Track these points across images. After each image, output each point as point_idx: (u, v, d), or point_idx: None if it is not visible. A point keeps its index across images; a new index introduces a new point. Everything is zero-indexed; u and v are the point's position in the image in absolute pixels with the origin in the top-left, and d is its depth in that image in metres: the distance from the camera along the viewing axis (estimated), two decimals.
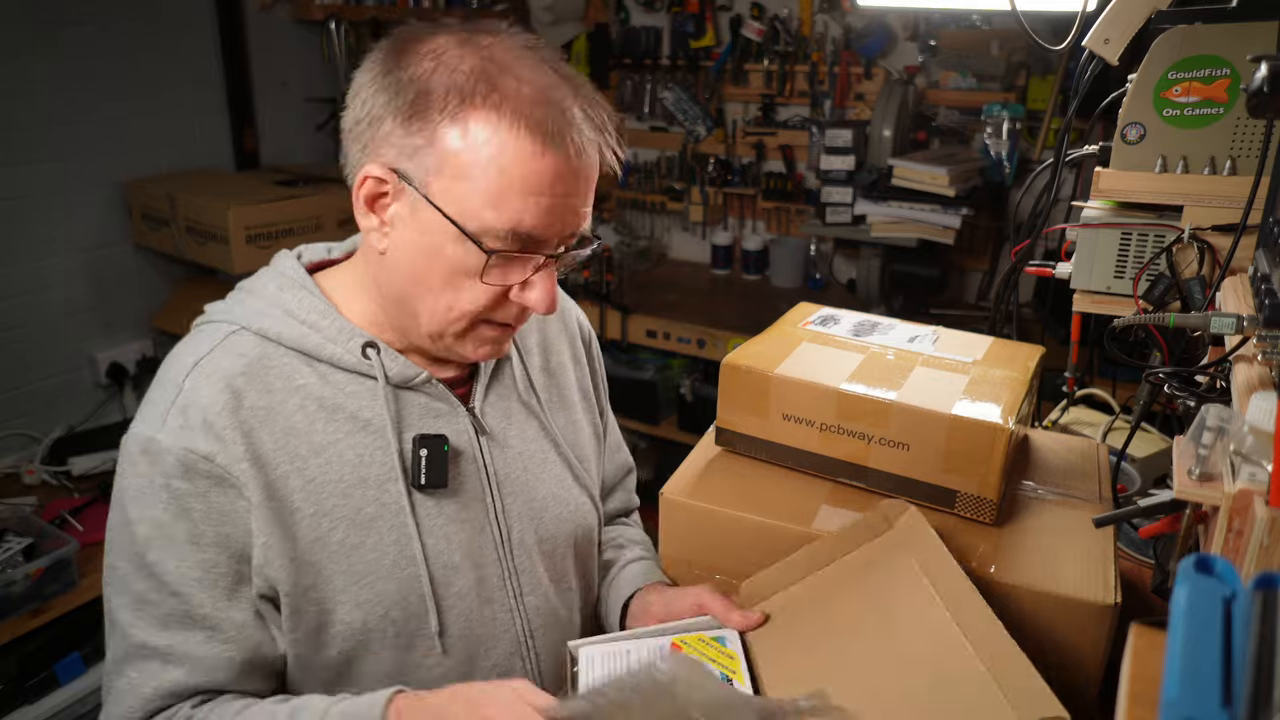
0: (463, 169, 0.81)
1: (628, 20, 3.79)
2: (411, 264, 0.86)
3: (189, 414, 0.84)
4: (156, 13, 2.74)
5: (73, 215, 2.65)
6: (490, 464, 0.99)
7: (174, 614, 0.85)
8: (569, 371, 1.14)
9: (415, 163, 0.82)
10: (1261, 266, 0.82)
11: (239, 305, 0.93)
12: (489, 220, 0.82)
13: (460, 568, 0.95)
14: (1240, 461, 0.62)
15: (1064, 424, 1.58)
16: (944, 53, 3.26)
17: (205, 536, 0.85)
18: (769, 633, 0.97)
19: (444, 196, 0.82)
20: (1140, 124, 1.11)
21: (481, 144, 0.80)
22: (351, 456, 0.90)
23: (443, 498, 0.94)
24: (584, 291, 3.38)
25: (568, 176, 0.83)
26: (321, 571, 0.88)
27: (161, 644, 0.85)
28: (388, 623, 0.91)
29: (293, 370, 0.89)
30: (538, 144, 0.80)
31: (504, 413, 1.02)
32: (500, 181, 0.81)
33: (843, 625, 0.93)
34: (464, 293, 0.86)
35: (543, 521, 1.03)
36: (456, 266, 0.85)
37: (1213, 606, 0.40)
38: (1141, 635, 0.48)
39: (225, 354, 0.88)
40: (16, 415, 2.59)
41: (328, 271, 0.99)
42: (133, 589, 0.86)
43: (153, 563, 0.85)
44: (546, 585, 1.04)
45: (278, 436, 0.87)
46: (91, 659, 2.17)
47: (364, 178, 0.85)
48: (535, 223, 0.83)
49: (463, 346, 0.92)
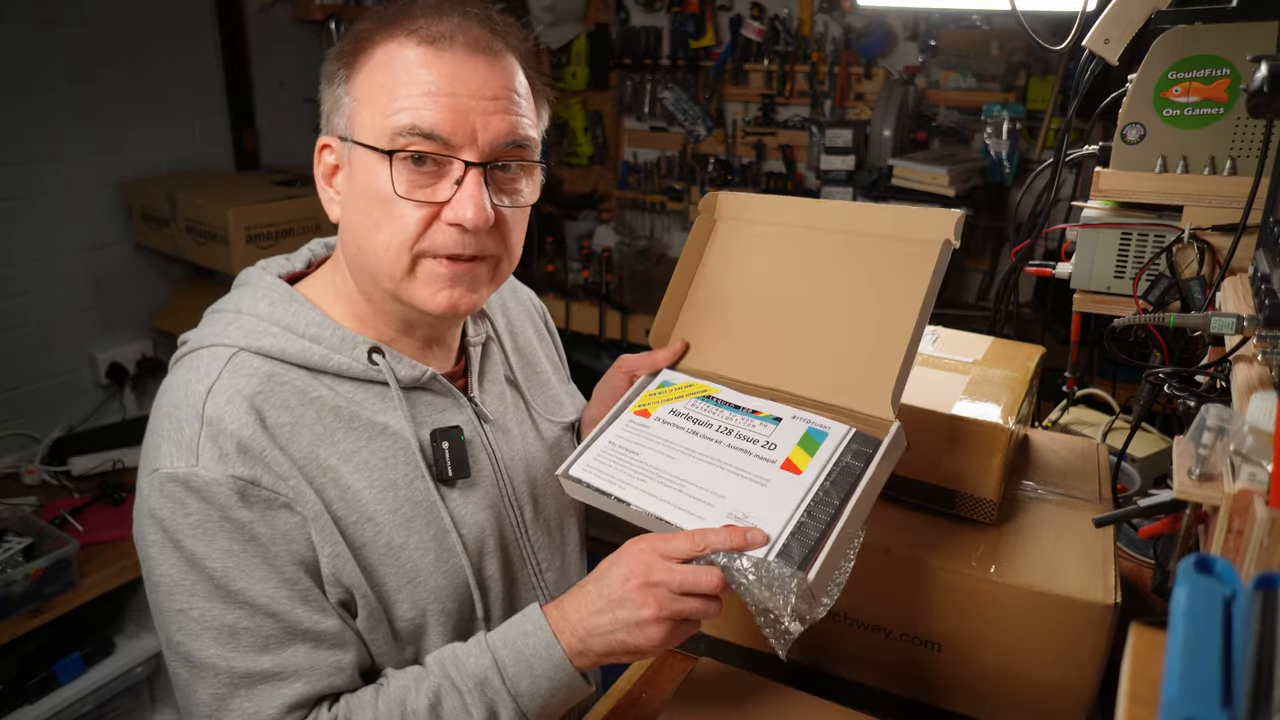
0: (369, 96, 0.85)
1: (628, 20, 3.78)
2: (355, 214, 0.89)
3: (221, 442, 0.81)
4: (156, 13, 2.74)
5: (73, 215, 2.65)
6: (496, 449, 1.01)
7: (274, 634, 0.83)
8: (536, 348, 1.17)
9: (341, 115, 0.88)
10: (1261, 266, 0.82)
11: (230, 327, 0.89)
12: (391, 126, 0.83)
13: (493, 552, 0.97)
14: (1240, 461, 0.62)
15: (1064, 424, 1.58)
16: (944, 53, 3.26)
17: (280, 557, 0.83)
18: (698, 349, 1.03)
19: (361, 130, 0.86)
20: (1140, 124, 1.11)
21: (380, 66, 0.85)
22: (377, 461, 0.90)
23: (466, 488, 0.96)
24: (584, 291, 3.38)
25: (471, 74, 0.84)
26: (374, 575, 0.88)
27: (269, 666, 0.82)
28: (444, 616, 0.93)
29: (303, 385, 0.88)
30: (430, 47, 0.84)
31: (498, 397, 1.05)
32: (394, 88, 0.84)
33: (751, 301, 1.01)
34: (395, 221, 0.85)
35: (545, 497, 1.06)
36: (382, 192, 0.85)
37: (1213, 606, 0.40)
38: (1141, 635, 0.48)
39: (236, 376, 0.85)
40: (16, 415, 2.59)
41: (305, 281, 0.98)
42: (221, 622, 0.82)
43: (239, 590, 0.81)
44: (559, 559, 1.08)
45: (305, 451, 0.86)
46: (91, 659, 2.17)
47: (318, 153, 0.91)
48: (436, 120, 0.83)
49: (418, 292, 0.88)
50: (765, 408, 0.92)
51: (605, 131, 3.92)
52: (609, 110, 3.90)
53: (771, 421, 0.90)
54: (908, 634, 1.01)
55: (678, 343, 1.03)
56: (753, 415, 0.91)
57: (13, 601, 1.96)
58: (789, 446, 0.87)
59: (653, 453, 0.90)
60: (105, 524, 2.25)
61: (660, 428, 0.93)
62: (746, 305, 1.00)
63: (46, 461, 2.48)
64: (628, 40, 3.77)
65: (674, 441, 0.91)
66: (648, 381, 1.01)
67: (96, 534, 2.20)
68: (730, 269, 1.03)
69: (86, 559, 2.11)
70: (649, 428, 0.93)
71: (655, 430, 0.93)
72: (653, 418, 0.94)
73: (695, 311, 1.04)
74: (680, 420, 0.93)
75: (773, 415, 0.91)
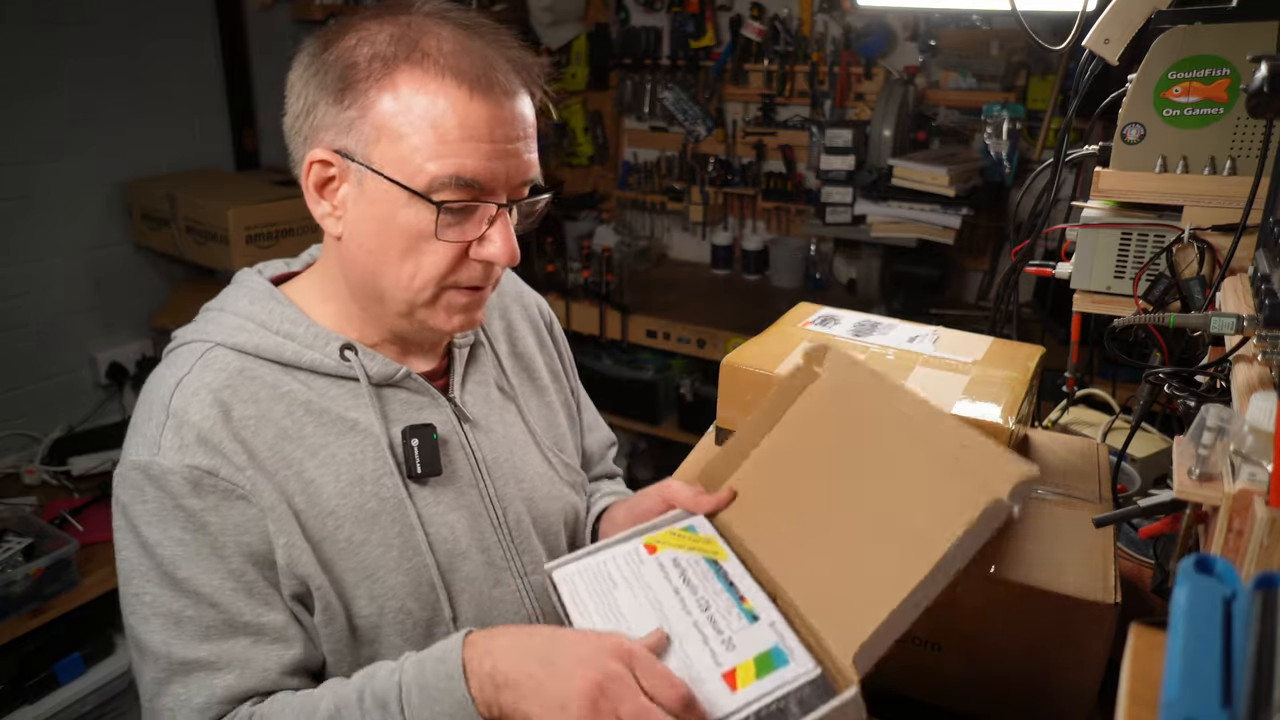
0: (398, 130, 0.83)
1: (628, 20, 3.78)
2: (369, 240, 0.87)
3: (183, 433, 0.84)
4: (156, 13, 2.74)
5: (73, 215, 2.65)
6: (477, 450, 1.00)
7: (215, 625, 0.84)
8: (535, 355, 1.15)
9: (353, 137, 0.85)
10: (1261, 266, 0.82)
11: (210, 324, 0.93)
12: (432, 173, 0.83)
13: (467, 553, 0.96)
14: (1240, 461, 0.62)
15: (1064, 424, 1.58)
16: (944, 53, 3.26)
17: (228, 548, 0.84)
18: (740, 507, 0.97)
19: (385, 162, 0.84)
20: (1140, 124, 1.11)
21: (412, 102, 0.82)
22: (345, 456, 0.90)
23: (438, 486, 0.96)
24: (584, 291, 3.38)
25: (503, 120, 0.85)
26: (333, 570, 0.89)
27: (206, 655, 0.84)
28: (404, 614, 0.92)
29: (274, 380, 0.90)
30: (465, 90, 0.82)
31: (483, 399, 1.04)
32: (436, 133, 0.82)
33: (806, 475, 0.93)
34: (424, 257, 0.87)
35: (534, 501, 1.05)
36: (411, 230, 0.85)
37: (1213, 606, 0.40)
38: (1141, 635, 0.48)
39: (205, 370, 0.88)
40: (16, 415, 2.59)
41: (292, 282, 0.99)
42: (167, 609, 0.84)
43: (185, 579, 0.84)
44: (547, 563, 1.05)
45: (271, 443, 0.87)
46: (92, 659, 2.17)
47: (309, 164, 0.87)
48: (478, 168, 0.84)
49: (435, 317, 0.91)
50: (753, 598, 0.84)
51: (605, 131, 3.92)
52: (609, 110, 3.90)
53: (749, 618, 0.82)
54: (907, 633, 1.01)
55: (725, 492, 0.97)
56: (738, 602, 0.84)
57: (13, 601, 1.97)
58: (744, 656, 0.78)
59: (627, 592, 0.86)
60: (105, 524, 2.21)
61: (652, 570, 0.89)
62: (798, 478, 0.94)
63: (46, 461, 2.48)
64: (628, 40, 3.77)
65: (653, 589, 0.86)
66: (677, 519, 0.97)
67: (96, 534, 2.20)
68: (804, 433, 0.97)
69: (86, 559, 2.12)
70: (644, 565, 0.89)
71: (647, 570, 0.89)
72: (654, 556, 0.91)
73: (755, 464, 0.99)
74: (673, 572, 0.88)
75: (753, 613, 0.82)
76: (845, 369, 0.96)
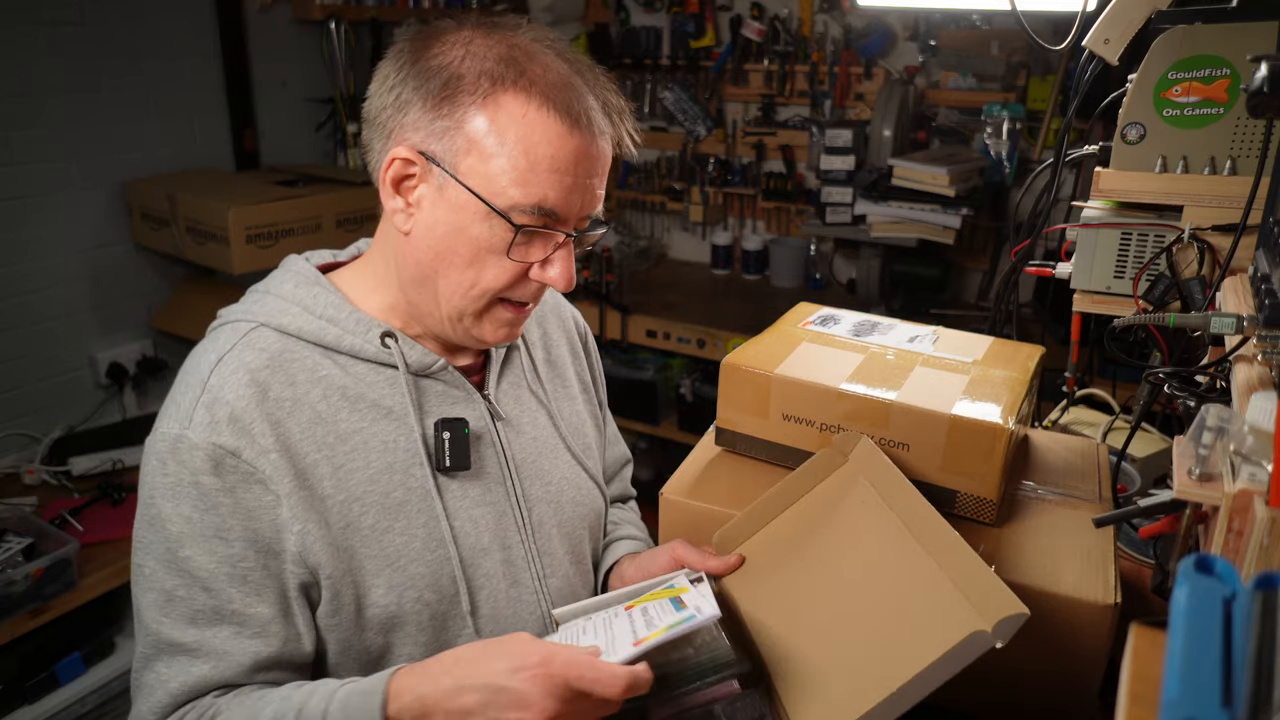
0: (490, 149, 0.86)
1: (628, 20, 3.78)
2: (438, 242, 0.90)
3: (215, 410, 0.86)
4: (156, 12, 2.74)
5: (73, 215, 2.65)
6: (508, 448, 1.02)
7: (203, 610, 0.86)
8: (568, 364, 1.17)
9: (444, 144, 0.87)
10: (1261, 266, 0.82)
11: (256, 304, 0.95)
12: (516, 197, 0.86)
13: (489, 550, 0.98)
14: (1240, 461, 0.62)
15: (1064, 424, 1.58)
16: (944, 53, 3.26)
17: (233, 531, 0.86)
18: (746, 574, 1.01)
19: (471, 175, 0.86)
20: (1140, 124, 1.11)
21: (510, 125, 0.85)
22: (377, 444, 0.92)
23: (466, 481, 0.97)
24: (584, 291, 3.38)
25: (588, 158, 0.89)
26: (354, 556, 0.90)
27: (189, 640, 0.86)
28: (421, 605, 0.93)
29: (314, 363, 0.92)
30: (564, 125, 0.86)
31: (516, 400, 1.06)
32: (527, 160, 0.85)
33: (813, 557, 0.96)
34: (488, 270, 0.90)
35: (560, 505, 1.06)
36: (482, 243, 0.88)
37: (1213, 606, 0.40)
38: (1141, 635, 0.48)
39: (247, 349, 0.90)
40: (16, 415, 2.59)
41: (339, 271, 1.02)
42: (162, 586, 0.86)
43: (184, 558, 0.85)
44: (567, 567, 1.07)
45: (304, 425, 0.89)
46: (91, 659, 2.17)
47: (391, 159, 0.89)
48: (558, 200, 0.87)
49: (480, 328, 0.94)
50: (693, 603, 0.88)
51: None
52: None
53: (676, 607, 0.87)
54: None
55: (735, 557, 1.01)
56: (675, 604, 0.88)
57: (13, 601, 1.96)
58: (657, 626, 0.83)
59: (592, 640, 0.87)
60: (105, 524, 2.25)
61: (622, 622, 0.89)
62: (804, 560, 0.97)
63: (46, 461, 2.48)
64: (628, 40, 3.77)
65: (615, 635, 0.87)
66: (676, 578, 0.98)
67: (96, 534, 2.20)
68: (820, 517, 1.00)
69: (86, 559, 2.12)
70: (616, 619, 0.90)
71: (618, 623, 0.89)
72: (628, 612, 0.91)
73: (769, 535, 1.02)
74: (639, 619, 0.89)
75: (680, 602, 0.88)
76: (873, 464, 1.00)
